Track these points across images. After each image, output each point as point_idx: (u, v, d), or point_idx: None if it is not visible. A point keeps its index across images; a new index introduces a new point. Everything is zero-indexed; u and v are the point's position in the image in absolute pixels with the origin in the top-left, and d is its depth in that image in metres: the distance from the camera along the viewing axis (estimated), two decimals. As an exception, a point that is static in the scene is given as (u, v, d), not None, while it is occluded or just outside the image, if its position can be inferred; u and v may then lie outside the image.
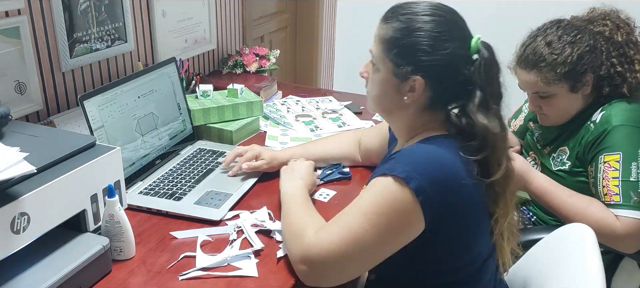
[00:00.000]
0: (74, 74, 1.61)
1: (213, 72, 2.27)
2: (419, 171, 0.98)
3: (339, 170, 1.51)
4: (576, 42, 1.45)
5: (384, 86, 1.12)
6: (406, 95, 1.09)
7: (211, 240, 1.19)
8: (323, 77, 3.51)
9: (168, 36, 1.98)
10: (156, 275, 1.07)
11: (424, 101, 1.10)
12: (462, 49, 1.06)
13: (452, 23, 1.08)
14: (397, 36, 1.08)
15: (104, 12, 1.67)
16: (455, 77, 1.06)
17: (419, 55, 1.06)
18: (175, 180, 1.42)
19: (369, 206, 1.00)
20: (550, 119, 1.58)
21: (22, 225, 0.91)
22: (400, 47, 1.08)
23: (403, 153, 1.04)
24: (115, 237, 1.08)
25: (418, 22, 1.06)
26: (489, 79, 1.06)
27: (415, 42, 1.06)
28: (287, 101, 2.11)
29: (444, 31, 1.05)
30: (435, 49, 1.05)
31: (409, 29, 1.07)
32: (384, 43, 1.11)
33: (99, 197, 1.08)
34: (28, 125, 1.22)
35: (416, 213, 0.99)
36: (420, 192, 0.97)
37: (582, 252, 1.12)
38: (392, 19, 1.10)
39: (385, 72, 1.11)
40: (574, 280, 1.10)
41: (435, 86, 1.07)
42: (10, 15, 1.39)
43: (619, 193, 1.39)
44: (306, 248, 1.02)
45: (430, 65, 1.06)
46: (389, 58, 1.10)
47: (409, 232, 1.01)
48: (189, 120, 1.67)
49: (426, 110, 1.11)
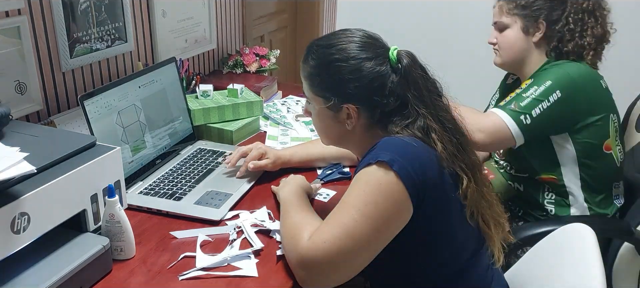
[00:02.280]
0: (74, 74, 1.61)
1: (213, 72, 2.27)
2: (400, 154, 1.01)
3: (338, 170, 1.51)
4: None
5: (324, 120, 1.18)
6: (346, 123, 1.14)
7: (211, 240, 1.19)
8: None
9: (168, 36, 1.98)
10: (156, 275, 1.07)
11: (365, 122, 1.13)
12: (381, 64, 1.10)
13: (365, 44, 1.12)
14: (316, 72, 1.14)
15: (104, 12, 1.67)
16: (382, 91, 1.09)
17: (342, 84, 1.11)
18: (176, 180, 1.42)
19: (356, 197, 1.01)
20: (500, 55, 1.68)
21: (22, 225, 0.91)
22: (321, 82, 1.14)
23: (382, 143, 1.06)
24: (115, 237, 1.08)
25: (333, 54, 1.11)
26: (412, 83, 1.09)
27: (333, 73, 1.11)
28: (287, 101, 2.11)
29: (358, 54, 1.10)
30: (355, 73, 1.09)
31: (324, 63, 1.13)
32: (307, 82, 1.17)
33: (99, 197, 1.08)
34: (28, 125, 1.22)
35: (403, 195, 1.00)
36: (404, 174, 0.99)
37: (582, 252, 1.12)
38: (308, 58, 1.16)
39: (318, 107, 1.17)
40: (574, 280, 1.10)
41: (368, 106, 1.11)
42: (11, 15, 1.39)
43: (507, 100, 1.52)
44: (301, 254, 1.02)
45: (356, 89, 1.10)
46: (317, 94, 1.16)
47: (398, 218, 1.02)
48: (189, 120, 1.67)
49: (371, 128, 1.14)
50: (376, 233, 1.01)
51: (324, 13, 3.32)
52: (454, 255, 1.11)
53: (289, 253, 1.07)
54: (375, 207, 1.00)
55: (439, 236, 1.08)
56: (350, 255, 1.01)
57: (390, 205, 1.00)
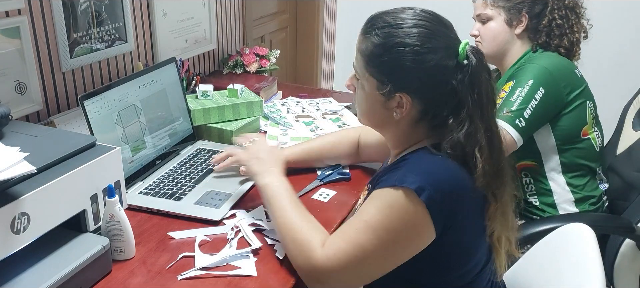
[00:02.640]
0: (74, 74, 1.61)
1: (213, 72, 2.27)
2: (429, 182, 0.96)
3: (338, 170, 1.51)
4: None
5: (371, 102, 1.09)
6: (394, 112, 1.06)
7: (209, 240, 1.19)
8: (323, 77, 3.51)
9: (168, 36, 1.98)
10: (156, 275, 1.07)
11: (415, 115, 1.06)
12: (448, 58, 1.01)
13: (435, 32, 1.02)
14: (378, 52, 1.04)
15: (104, 12, 1.67)
16: (444, 88, 1.01)
17: (402, 72, 1.02)
18: (176, 180, 1.42)
19: (378, 222, 0.98)
20: (483, 46, 1.71)
21: (22, 225, 0.91)
22: (381, 64, 1.04)
23: (411, 164, 1.01)
24: (115, 237, 1.08)
25: (398, 36, 1.01)
26: (477, 87, 1.01)
27: (396, 58, 1.01)
28: (287, 102, 2.11)
29: (426, 43, 1.00)
30: (419, 63, 1.00)
31: (388, 44, 1.02)
32: (364, 58, 1.07)
33: (99, 197, 1.08)
34: (28, 125, 1.22)
35: (427, 226, 0.97)
36: (432, 204, 0.95)
37: (582, 252, 1.12)
38: (371, 33, 1.05)
39: (369, 88, 1.08)
40: (574, 280, 1.10)
41: (424, 100, 1.04)
42: (11, 15, 1.39)
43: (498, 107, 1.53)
44: (315, 264, 1.01)
45: (416, 80, 1.02)
46: (371, 75, 1.06)
47: (418, 244, 1.00)
48: (189, 120, 1.67)
49: (419, 122, 1.07)
50: (392, 257, 1.00)
51: (324, 13, 3.32)
52: (470, 270, 1.08)
53: (297, 261, 1.05)
54: (396, 235, 0.97)
55: (456, 257, 1.06)
56: (362, 274, 1.01)
57: (412, 234, 0.98)
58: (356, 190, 1.42)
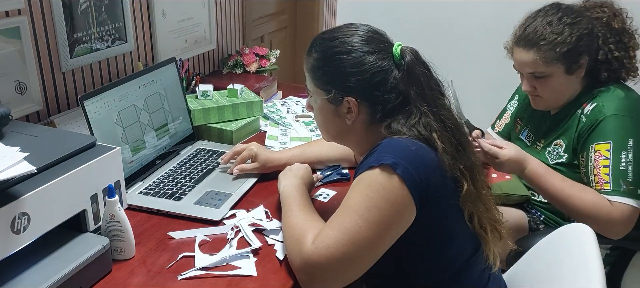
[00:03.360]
0: (74, 74, 1.61)
1: (213, 72, 2.27)
2: (403, 157, 1.01)
3: (337, 171, 1.51)
4: (575, 24, 1.50)
5: (324, 114, 1.17)
6: (346, 118, 1.13)
7: (209, 240, 1.19)
8: (323, 77, 3.50)
9: (168, 36, 1.98)
10: (156, 275, 1.07)
11: (366, 117, 1.13)
12: (384, 59, 1.09)
13: (369, 38, 1.11)
14: (319, 65, 1.14)
15: (104, 12, 1.67)
16: (384, 86, 1.09)
17: (344, 77, 1.10)
18: (175, 180, 1.42)
19: (359, 202, 1.01)
20: (544, 101, 1.61)
21: (22, 225, 0.91)
22: (324, 74, 1.13)
23: (384, 144, 1.05)
24: (115, 237, 1.08)
25: (336, 46, 1.11)
26: (415, 81, 1.09)
27: (336, 65, 1.11)
28: (287, 102, 2.11)
29: (361, 47, 1.10)
30: (356, 66, 1.09)
31: (327, 55, 1.12)
32: (310, 74, 1.17)
33: (99, 197, 1.08)
34: (28, 125, 1.22)
35: (407, 199, 1.00)
36: (408, 177, 0.99)
37: (582, 252, 1.12)
38: (312, 51, 1.16)
39: (320, 101, 1.16)
40: (574, 280, 1.10)
41: (369, 101, 1.11)
42: (11, 15, 1.39)
43: (609, 181, 1.42)
44: (305, 257, 1.02)
45: (357, 83, 1.09)
46: (318, 87, 1.15)
47: (401, 221, 1.02)
48: (189, 120, 1.67)
49: (372, 125, 1.13)
50: (379, 238, 1.01)
51: (324, 13, 3.32)
52: (453, 257, 1.10)
53: (291, 256, 1.07)
54: (379, 212, 0.99)
55: (440, 238, 1.08)
56: (353, 260, 1.01)
57: (393, 210, 1.00)
58: (356, 190, 1.42)
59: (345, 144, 1.26)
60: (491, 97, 1.92)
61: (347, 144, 1.25)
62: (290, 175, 1.31)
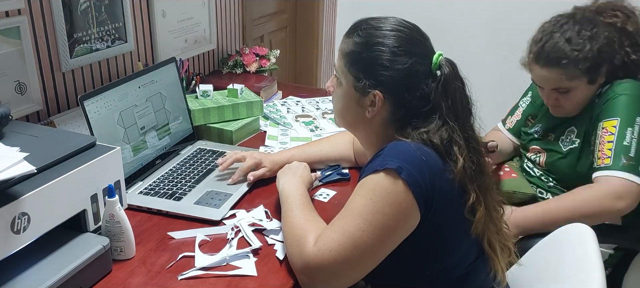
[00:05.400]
0: (74, 74, 1.61)
1: (213, 72, 2.27)
2: (408, 161, 1.00)
3: (337, 171, 1.51)
4: (594, 36, 1.47)
5: (346, 100, 1.15)
6: (367, 110, 1.11)
7: (209, 239, 1.19)
8: (323, 77, 3.51)
9: (168, 36, 1.98)
10: (156, 275, 1.07)
11: (386, 116, 1.11)
12: (422, 64, 1.08)
13: (413, 39, 1.10)
14: (357, 50, 1.11)
15: (104, 12, 1.67)
16: (414, 91, 1.07)
17: (378, 70, 1.08)
18: (175, 180, 1.42)
19: (363, 206, 1.00)
20: (566, 110, 1.60)
21: (22, 225, 0.91)
22: (359, 61, 1.11)
23: (390, 148, 1.05)
24: (115, 237, 1.08)
25: (378, 37, 1.09)
26: (450, 95, 1.07)
27: (374, 56, 1.09)
28: (287, 101, 2.11)
29: (402, 46, 1.08)
30: (394, 63, 1.07)
31: (368, 43, 1.10)
32: (345, 57, 1.13)
33: (99, 197, 1.08)
34: (28, 125, 1.22)
35: (411, 204, 0.99)
36: (412, 181, 0.99)
37: (582, 252, 1.12)
38: (354, 34, 1.13)
39: (346, 85, 1.14)
40: (574, 280, 1.10)
41: (395, 101, 1.09)
42: (10, 15, 1.39)
43: (610, 156, 1.42)
44: (306, 259, 1.02)
45: (389, 79, 1.08)
46: (349, 72, 1.12)
47: (405, 226, 1.02)
48: (189, 120, 1.67)
49: (390, 126, 1.12)
50: (382, 243, 1.01)
51: (324, 13, 3.32)
52: (457, 261, 1.10)
53: (292, 257, 1.06)
54: (383, 216, 0.99)
55: (444, 243, 1.07)
56: (355, 263, 1.00)
57: (397, 214, 0.99)
58: (356, 190, 1.42)
59: (355, 134, 1.24)
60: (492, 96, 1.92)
61: (357, 135, 1.23)
62: (289, 173, 1.31)
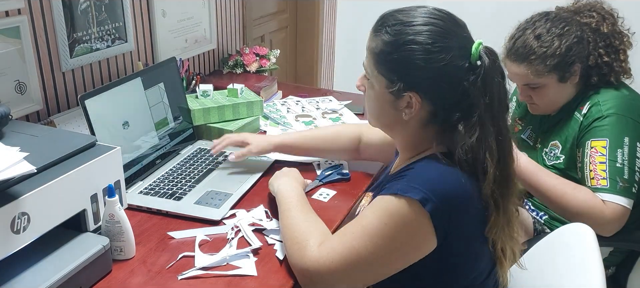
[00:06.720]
0: (74, 74, 1.61)
1: (213, 72, 2.27)
2: (434, 192, 0.94)
3: (338, 171, 1.51)
4: (564, 34, 1.50)
5: (380, 102, 1.06)
6: (404, 112, 1.02)
7: (209, 239, 1.19)
8: (323, 77, 3.51)
9: (168, 36, 1.98)
10: (156, 275, 1.07)
11: (424, 116, 1.03)
12: (460, 58, 0.97)
13: (448, 31, 0.98)
14: (387, 50, 1.00)
15: (104, 11, 1.67)
16: (455, 88, 0.98)
17: (412, 70, 0.98)
18: (176, 180, 1.42)
19: (375, 227, 0.96)
20: (541, 108, 1.62)
21: (22, 225, 0.91)
22: (391, 61, 1.00)
23: (416, 173, 0.99)
24: (115, 237, 1.08)
25: (409, 34, 0.98)
26: (489, 90, 0.97)
27: (406, 56, 0.98)
28: (287, 101, 2.11)
29: (437, 41, 0.97)
30: (430, 62, 0.97)
31: (399, 42, 0.99)
32: (374, 57, 1.04)
33: (99, 196, 1.08)
34: (28, 125, 1.22)
35: (428, 235, 0.95)
36: (436, 214, 0.93)
37: (582, 252, 1.12)
38: (381, 31, 1.02)
39: (379, 87, 1.04)
40: (574, 281, 1.10)
41: (434, 101, 1.00)
42: (10, 15, 1.39)
43: (606, 177, 1.42)
44: (308, 262, 1.00)
45: (426, 80, 0.98)
46: (380, 73, 1.03)
47: (415, 254, 0.98)
48: (189, 120, 1.67)
49: (429, 125, 1.04)
50: (387, 265, 0.99)
51: (324, 13, 3.32)
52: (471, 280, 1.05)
53: (293, 258, 1.06)
54: (393, 242, 0.96)
55: (460, 266, 1.03)
56: (355, 277, 0.99)
57: (410, 244, 0.97)
58: (355, 191, 1.42)
59: (391, 136, 1.15)
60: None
61: (394, 136, 1.14)
62: (281, 176, 1.30)
